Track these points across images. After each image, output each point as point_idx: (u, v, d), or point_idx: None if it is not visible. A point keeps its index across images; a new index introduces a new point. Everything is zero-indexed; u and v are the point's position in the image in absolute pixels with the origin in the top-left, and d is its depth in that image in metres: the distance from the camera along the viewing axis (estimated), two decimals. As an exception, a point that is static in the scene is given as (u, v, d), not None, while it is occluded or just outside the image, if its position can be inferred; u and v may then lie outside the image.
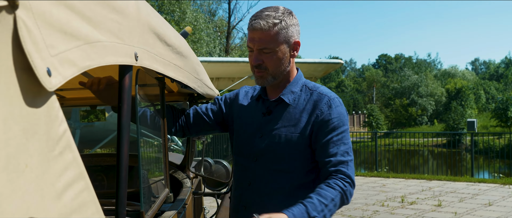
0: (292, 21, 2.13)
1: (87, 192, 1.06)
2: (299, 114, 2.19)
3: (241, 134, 2.32)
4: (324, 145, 2.13)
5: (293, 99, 2.22)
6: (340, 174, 2.08)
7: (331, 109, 2.16)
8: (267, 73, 2.17)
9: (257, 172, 2.23)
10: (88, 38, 1.06)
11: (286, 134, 2.18)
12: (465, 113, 45.27)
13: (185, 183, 3.04)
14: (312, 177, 2.21)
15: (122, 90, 1.36)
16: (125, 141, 1.35)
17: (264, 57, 2.14)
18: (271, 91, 2.29)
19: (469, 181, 11.90)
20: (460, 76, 67.19)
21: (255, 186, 2.24)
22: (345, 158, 2.13)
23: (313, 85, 2.27)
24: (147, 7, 1.56)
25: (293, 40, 2.15)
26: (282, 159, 2.19)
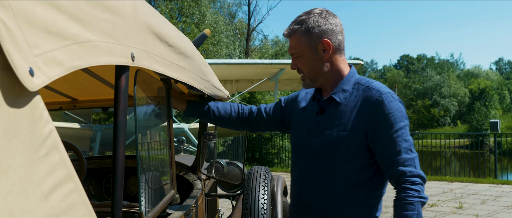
0: (317, 23, 2.14)
1: (76, 194, 1.05)
2: (350, 112, 2.17)
3: (298, 133, 2.34)
4: (385, 144, 2.10)
5: (345, 97, 2.20)
6: (411, 178, 2.05)
7: (384, 105, 2.11)
8: (304, 76, 2.25)
9: (312, 171, 2.23)
10: (77, 38, 1.05)
11: (338, 132, 2.16)
12: (489, 114, 44.60)
13: (196, 185, 3.03)
14: (368, 175, 2.19)
15: (118, 91, 1.35)
16: (121, 142, 1.34)
17: (297, 62, 2.24)
18: (325, 90, 2.30)
19: (492, 183, 11.70)
20: (484, 76, 66.22)
21: (311, 186, 2.24)
22: (409, 155, 2.09)
23: (366, 81, 2.24)
24: (145, 7, 1.55)
25: (320, 41, 2.15)
26: (335, 158, 2.17)
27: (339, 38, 2.20)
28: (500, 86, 60.60)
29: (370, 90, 2.17)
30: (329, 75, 2.23)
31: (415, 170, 2.07)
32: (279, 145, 21.68)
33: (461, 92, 55.41)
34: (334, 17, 2.20)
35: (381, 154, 2.12)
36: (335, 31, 2.18)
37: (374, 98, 2.13)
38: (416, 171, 2.07)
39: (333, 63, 2.21)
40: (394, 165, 2.08)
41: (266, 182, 3.69)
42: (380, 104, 2.11)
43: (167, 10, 26.48)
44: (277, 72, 14.83)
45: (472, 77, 65.67)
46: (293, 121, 2.42)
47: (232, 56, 29.67)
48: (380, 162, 2.15)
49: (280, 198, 4.43)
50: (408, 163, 2.08)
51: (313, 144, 2.23)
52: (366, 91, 2.17)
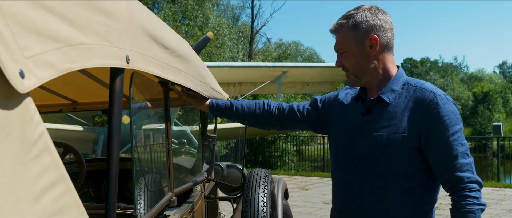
0: (365, 18, 2.07)
1: (69, 195, 1.05)
2: (400, 113, 2.07)
3: (341, 135, 2.24)
4: (440, 148, 2.01)
5: (394, 98, 2.10)
6: (469, 184, 1.97)
7: (439, 107, 2.01)
8: (349, 73, 2.17)
9: (358, 175, 2.13)
10: (70, 40, 1.05)
11: (388, 135, 2.06)
12: (493, 117, 44.49)
13: (195, 187, 3.03)
14: (419, 180, 2.09)
15: (113, 93, 1.35)
16: (116, 144, 1.34)
17: (342, 58, 2.15)
18: (370, 90, 2.21)
19: (495, 186, 11.67)
20: (487, 80, 66.10)
21: (359, 190, 2.13)
22: (466, 160, 2.00)
23: (416, 81, 2.14)
24: (141, 10, 1.55)
25: (367, 36, 2.07)
26: (385, 161, 2.07)
27: (388, 35, 2.11)
28: (503, 89, 60.48)
29: (422, 91, 2.07)
30: (375, 73, 2.14)
31: (472, 176, 1.99)
32: (282, 148, 21.67)
33: (465, 95, 55.30)
34: (384, 13, 2.13)
35: (436, 159, 2.03)
36: (384, 28, 2.10)
37: (428, 100, 2.03)
38: (474, 177, 1.99)
39: (380, 60, 2.13)
40: (450, 170, 2.00)
41: (266, 185, 3.70)
42: (435, 106, 2.02)
43: (170, 13, 26.55)
44: (280, 75, 14.85)
45: (476, 81, 65.56)
46: (333, 122, 2.31)
47: (235, 58, 29.72)
48: (434, 167, 2.06)
49: (281, 201, 4.42)
50: (466, 169, 1.99)
51: (359, 146, 2.13)
52: (418, 92, 2.08)
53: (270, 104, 2.52)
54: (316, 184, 12.59)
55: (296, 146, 24.67)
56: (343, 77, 17.09)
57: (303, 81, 16.55)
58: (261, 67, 14.97)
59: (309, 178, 14.05)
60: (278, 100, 15.83)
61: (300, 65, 16.16)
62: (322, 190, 11.45)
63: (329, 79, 16.82)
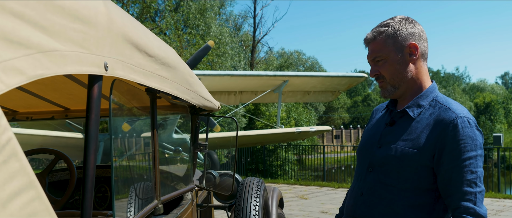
0: (404, 26, 2.06)
1: (38, 202, 1.05)
2: (421, 129, 2.03)
3: (363, 143, 2.24)
4: (448, 171, 1.96)
5: (418, 113, 2.07)
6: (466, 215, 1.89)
7: (456, 129, 1.94)
8: (385, 82, 2.11)
9: (369, 183, 2.12)
10: (42, 47, 1.06)
11: (403, 148, 2.03)
12: (494, 128, 44.42)
13: (186, 195, 3.02)
14: (429, 200, 2.04)
15: (90, 100, 1.36)
16: (92, 151, 1.34)
17: (378, 67, 2.10)
18: (401, 102, 2.18)
19: (494, 197, 11.62)
20: (489, 90, 66.06)
21: (367, 197, 2.12)
22: (472, 190, 1.92)
23: (446, 100, 2.09)
24: (123, 18, 1.55)
25: (407, 44, 2.05)
26: (394, 174, 2.05)
27: (425, 45, 2.10)
28: (505, 100, 60.36)
29: (446, 111, 2.01)
30: (410, 83, 2.10)
31: (473, 206, 1.90)
32: (283, 157, 21.65)
33: (466, 105, 55.26)
34: (419, 24, 2.12)
35: (442, 180, 1.99)
36: (422, 37, 2.09)
37: (448, 120, 1.97)
38: (473, 208, 1.90)
39: (417, 70, 2.10)
40: (453, 195, 1.95)
41: (259, 194, 3.69)
42: (453, 128, 1.95)
43: (172, 21, 26.62)
44: (281, 84, 14.86)
45: (478, 91, 65.53)
46: (363, 134, 2.31)
47: (237, 67, 29.75)
48: (440, 189, 2.01)
49: (275, 209, 4.41)
50: (468, 198, 1.91)
51: (375, 155, 2.12)
52: (442, 110, 2.03)
53: None
54: (315, 193, 12.56)
55: (297, 155, 24.65)
56: (344, 87, 17.10)
57: (304, 90, 16.55)
58: (262, 76, 14.98)
59: (309, 187, 14.02)
60: (278, 109, 15.86)
61: (301, 74, 16.17)
62: (321, 199, 11.42)
63: (330, 89, 16.82)
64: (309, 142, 27.44)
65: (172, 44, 24.04)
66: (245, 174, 19.35)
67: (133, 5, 25.56)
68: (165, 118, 12.60)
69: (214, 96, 13.69)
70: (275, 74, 14.98)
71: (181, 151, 6.80)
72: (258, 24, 38.99)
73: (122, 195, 2.06)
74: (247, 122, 26.82)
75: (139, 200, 2.12)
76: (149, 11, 25.78)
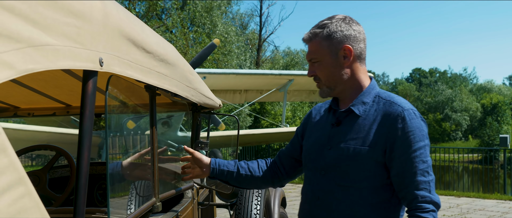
0: (339, 28, 2.06)
1: (28, 198, 1.03)
2: (369, 126, 2.05)
3: (311, 146, 2.21)
4: (401, 163, 1.99)
5: (364, 110, 2.09)
6: (423, 203, 1.95)
7: (405, 121, 2.00)
8: (321, 83, 2.13)
9: (325, 186, 2.10)
10: (32, 41, 1.04)
11: (355, 147, 2.04)
12: (501, 129, 44.22)
13: (186, 193, 3.01)
14: (385, 196, 2.07)
15: (85, 96, 1.34)
16: (86, 148, 1.33)
17: (315, 68, 2.12)
18: (342, 101, 2.18)
19: (500, 199, 11.56)
20: (496, 91, 65.72)
21: (324, 202, 2.10)
22: (425, 178, 1.98)
23: (387, 95, 2.13)
24: (119, 13, 1.54)
25: (341, 46, 2.06)
26: (351, 174, 2.05)
27: (361, 46, 2.11)
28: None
29: (392, 105, 2.05)
30: (348, 84, 2.12)
31: (428, 195, 1.97)
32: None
33: (473, 106, 55.05)
34: (357, 24, 2.12)
35: (396, 174, 2.02)
36: (358, 38, 2.09)
37: (396, 114, 2.02)
38: (429, 197, 1.97)
39: (353, 71, 2.11)
40: (408, 187, 1.99)
41: (260, 193, 3.67)
42: (401, 121, 2.00)
43: (179, 19, 26.63)
44: (286, 83, 14.84)
45: (485, 92, 65.25)
46: (306, 136, 2.28)
47: (243, 66, 29.75)
48: (394, 182, 2.04)
49: (277, 208, 4.39)
50: (423, 187, 1.97)
51: (326, 158, 2.11)
52: (387, 105, 2.06)
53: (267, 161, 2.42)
54: (320, 193, 12.51)
55: (302, 154, 24.62)
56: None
57: (309, 89, 16.53)
58: (267, 75, 14.97)
59: (313, 187, 13.96)
60: (284, 108, 15.85)
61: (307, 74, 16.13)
62: (325, 199, 11.37)
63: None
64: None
65: (178, 42, 24.06)
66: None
67: (140, 3, 25.61)
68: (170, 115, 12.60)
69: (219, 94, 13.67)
70: (280, 73, 14.97)
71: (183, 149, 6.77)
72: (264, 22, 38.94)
73: (120, 193, 2.05)
74: (252, 121, 26.82)
75: (137, 197, 2.11)
76: (155, 9, 25.81)
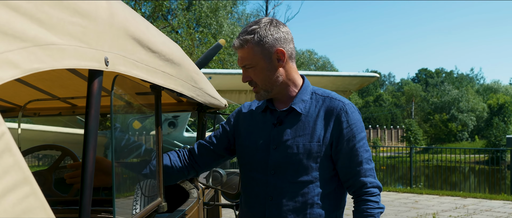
0: (269, 32, 2.09)
1: (33, 198, 1.03)
2: (313, 122, 2.14)
3: (252, 147, 2.23)
4: (347, 154, 2.12)
5: (305, 108, 2.17)
6: (371, 188, 2.12)
7: (348, 115, 2.13)
8: (259, 88, 2.18)
9: (277, 185, 2.13)
10: (38, 40, 1.04)
11: (304, 144, 2.11)
12: (508, 130, 44.00)
13: (192, 193, 3.01)
14: (333, 186, 2.18)
15: (90, 96, 1.34)
16: (92, 147, 1.33)
17: (249, 73, 2.16)
18: (278, 101, 2.23)
19: (506, 200, 11.51)
20: (503, 92, 65.45)
21: (278, 200, 2.13)
22: (370, 166, 2.15)
23: (323, 91, 2.22)
24: (125, 13, 1.53)
25: (274, 50, 2.10)
26: (302, 170, 2.11)
27: (291, 46, 2.17)
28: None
29: (332, 101, 2.16)
30: (284, 85, 2.18)
31: (374, 181, 2.14)
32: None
33: (480, 107, 54.83)
34: (284, 25, 2.17)
35: (343, 164, 2.14)
36: (287, 39, 2.14)
37: (338, 108, 2.13)
38: (375, 182, 2.14)
39: (287, 72, 2.17)
40: (355, 175, 2.13)
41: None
42: (345, 114, 2.12)
43: (185, 20, 26.68)
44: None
45: (491, 92, 64.99)
46: (241, 137, 2.29)
47: (249, 66, 29.71)
48: (340, 172, 2.17)
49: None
50: (369, 174, 2.14)
51: (274, 157, 2.14)
52: (327, 101, 2.17)
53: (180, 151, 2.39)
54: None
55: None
56: (355, 87, 17.01)
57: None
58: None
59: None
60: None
61: (312, 74, 16.12)
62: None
63: (341, 88, 16.73)
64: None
65: (184, 42, 24.10)
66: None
67: (146, 3, 25.66)
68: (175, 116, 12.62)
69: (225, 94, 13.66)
70: (285, 73, 14.95)
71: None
72: (270, 23, 38.88)
73: (125, 193, 2.05)
74: (258, 121, 26.78)
75: (142, 197, 2.11)
76: (161, 10, 25.85)
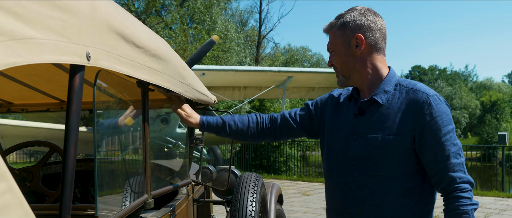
0: (353, 18, 2.10)
1: (10, 194, 1.01)
2: (394, 115, 2.07)
3: (334, 137, 2.23)
4: (432, 148, 2.02)
5: (387, 99, 2.11)
6: (462, 184, 1.99)
7: (431, 107, 2.03)
8: (338, 72, 2.19)
9: (356, 176, 2.12)
10: (15, 34, 1.02)
11: (383, 137, 2.06)
12: (500, 127, 44.18)
13: (181, 190, 2.99)
14: (417, 181, 2.09)
15: (71, 91, 1.32)
16: (73, 143, 1.31)
17: (332, 58, 2.19)
18: (363, 90, 2.20)
19: (497, 196, 11.55)
20: (496, 89, 65.67)
21: (357, 192, 2.12)
22: (458, 160, 2.02)
23: (408, 82, 2.15)
24: (108, 7, 1.52)
25: (353, 35, 2.10)
26: (381, 163, 2.07)
27: (376, 35, 2.12)
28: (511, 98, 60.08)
29: (415, 92, 2.08)
30: (364, 73, 2.14)
31: (464, 176, 2.01)
32: (287, 153, 21.61)
33: (472, 104, 54.94)
34: (374, 15, 2.13)
35: (428, 159, 2.04)
36: (371, 28, 2.10)
37: (421, 101, 2.04)
38: (466, 177, 2.01)
39: (367, 60, 2.13)
40: (443, 170, 2.02)
41: (256, 190, 3.65)
42: (428, 107, 2.03)
43: (178, 16, 26.58)
44: (285, 79, 14.82)
45: (484, 89, 65.20)
46: (326, 124, 2.30)
47: (243, 63, 29.69)
48: (427, 167, 2.07)
49: (274, 205, 4.37)
50: (458, 169, 2.01)
51: (354, 148, 2.12)
52: (410, 93, 2.08)
53: (263, 117, 2.47)
54: (318, 189, 12.53)
55: (301, 151, 24.59)
56: (350, 83, 17.05)
57: (309, 86, 16.50)
58: (266, 72, 14.94)
59: (311, 183, 13.98)
60: (282, 105, 15.83)
61: (306, 70, 16.11)
62: (323, 196, 11.33)
63: (335, 85, 16.71)
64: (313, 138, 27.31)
65: (178, 38, 24.02)
66: (248, 169, 19.34)
67: None
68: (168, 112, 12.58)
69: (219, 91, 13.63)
70: (279, 70, 14.94)
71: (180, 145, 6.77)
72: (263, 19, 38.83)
73: (111, 189, 2.03)
74: (251, 118, 26.74)
75: (128, 194, 2.09)
76: (154, 6, 25.75)
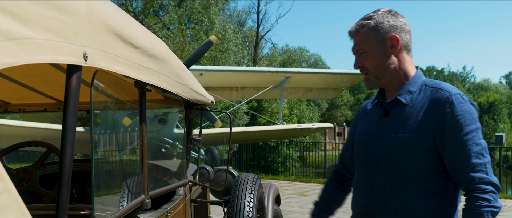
0: (386, 18, 2.10)
1: (7, 195, 1.01)
2: (416, 114, 2.07)
3: (360, 139, 2.25)
4: (453, 147, 1.99)
5: (411, 99, 2.10)
6: (481, 185, 1.94)
7: (453, 106, 2.00)
8: (369, 73, 2.16)
9: (379, 177, 2.12)
10: (11, 34, 1.02)
11: (404, 135, 2.06)
12: (497, 127, 44.27)
13: (178, 191, 2.99)
14: (439, 181, 2.06)
15: (68, 91, 1.32)
16: (70, 144, 1.31)
17: (362, 59, 2.16)
18: (389, 91, 2.21)
19: (495, 197, 11.56)
20: (493, 90, 65.75)
21: (379, 192, 2.12)
22: (481, 160, 1.97)
23: (434, 82, 2.13)
24: (105, 7, 1.52)
25: (388, 36, 2.09)
26: (402, 162, 2.06)
27: (407, 37, 2.14)
28: (509, 100, 60.10)
29: (438, 91, 2.07)
30: (395, 74, 2.14)
31: (486, 176, 1.95)
32: (285, 153, 21.64)
33: (470, 105, 54.95)
34: (402, 17, 2.16)
35: (450, 158, 2.02)
36: (404, 29, 2.13)
37: (443, 99, 2.03)
38: (487, 178, 1.95)
39: (400, 61, 2.14)
40: (463, 170, 1.98)
41: (253, 190, 3.66)
42: (449, 105, 2.01)
43: (176, 16, 26.57)
44: (283, 80, 14.83)
45: (482, 90, 65.27)
46: (356, 131, 2.33)
47: (240, 63, 29.69)
48: (448, 167, 2.04)
49: (271, 206, 4.37)
50: (479, 169, 1.96)
51: (377, 148, 2.13)
52: (434, 92, 2.08)
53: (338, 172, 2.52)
54: (315, 190, 12.53)
55: (299, 152, 24.62)
56: (346, 84, 17.05)
57: (306, 87, 16.52)
58: (264, 72, 14.95)
59: (309, 184, 13.99)
60: (280, 106, 15.84)
61: (303, 71, 16.13)
62: (321, 196, 11.37)
63: (332, 86, 16.75)
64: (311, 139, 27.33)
65: (175, 39, 24.01)
66: (246, 170, 19.34)
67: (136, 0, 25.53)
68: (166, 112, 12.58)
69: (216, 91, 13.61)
70: (277, 70, 14.96)
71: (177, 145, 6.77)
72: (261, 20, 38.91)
73: (107, 190, 2.03)
74: (249, 119, 26.79)
75: (125, 194, 2.09)
76: (152, 6, 25.73)
